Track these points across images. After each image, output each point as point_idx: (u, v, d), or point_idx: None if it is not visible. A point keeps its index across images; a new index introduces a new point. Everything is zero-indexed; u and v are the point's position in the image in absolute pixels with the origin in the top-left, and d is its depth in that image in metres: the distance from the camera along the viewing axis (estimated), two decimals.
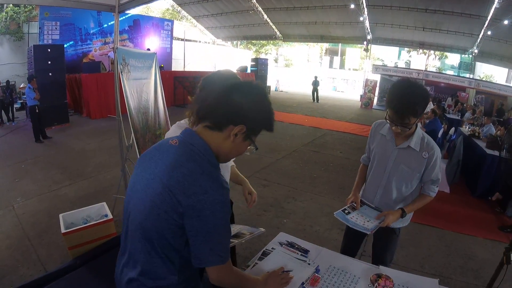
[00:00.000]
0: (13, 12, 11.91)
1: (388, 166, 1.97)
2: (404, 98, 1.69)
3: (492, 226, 4.31)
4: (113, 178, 5.01)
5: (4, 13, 11.80)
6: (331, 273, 1.64)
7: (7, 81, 9.04)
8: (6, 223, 3.68)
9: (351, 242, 2.34)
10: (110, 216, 3.26)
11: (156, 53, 3.31)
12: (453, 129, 7.19)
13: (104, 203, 3.48)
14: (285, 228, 3.87)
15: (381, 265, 1.93)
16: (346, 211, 2.01)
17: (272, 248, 1.78)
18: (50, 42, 10.14)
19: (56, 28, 10.43)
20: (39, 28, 10.24)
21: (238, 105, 1.09)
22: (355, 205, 2.04)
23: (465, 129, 7.53)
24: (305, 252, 1.80)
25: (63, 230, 2.94)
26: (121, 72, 2.75)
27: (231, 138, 1.12)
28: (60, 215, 3.18)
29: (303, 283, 1.51)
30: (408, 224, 4.00)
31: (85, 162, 5.79)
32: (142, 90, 3.06)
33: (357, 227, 1.88)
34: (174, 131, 1.67)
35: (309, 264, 1.67)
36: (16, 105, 9.29)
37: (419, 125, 1.94)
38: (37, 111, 6.83)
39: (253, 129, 1.15)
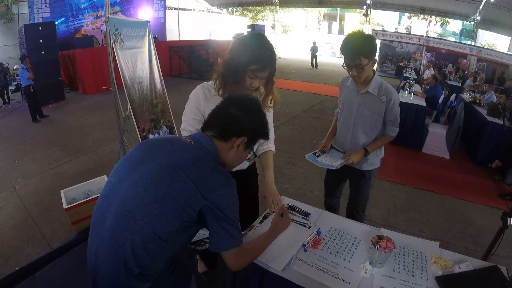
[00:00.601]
0: None
1: (353, 113, 2.20)
2: (352, 40, 1.92)
3: (492, 193, 4.32)
4: (112, 152, 5.00)
5: None
6: (332, 235, 1.65)
7: (0, 64, 8.86)
8: (9, 205, 3.68)
9: (331, 186, 2.61)
10: None
11: (149, 21, 3.23)
12: (454, 95, 7.09)
13: (105, 176, 3.47)
14: (286, 193, 3.85)
15: (354, 211, 2.38)
16: (317, 154, 2.31)
17: (273, 212, 1.79)
18: (41, 20, 9.83)
19: (46, 6, 10.11)
20: (29, 7, 9.96)
21: (238, 119, 1.24)
22: (325, 149, 2.32)
23: (466, 96, 7.44)
24: (306, 215, 1.82)
25: (65, 206, 2.93)
26: (114, 42, 2.69)
27: (234, 149, 1.26)
28: (62, 191, 3.16)
29: (304, 245, 1.52)
30: (408, 189, 4.12)
31: (83, 138, 5.77)
32: (137, 60, 3.00)
33: (325, 166, 2.19)
34: (197, 93, 1.70)
35: (310, 226, 1.68)
36: (11, 87, 9.15)
37: (377, 73, 2.14)
38: (32, 90, 6.74)
39: (253, 139, 1.31)
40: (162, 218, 1.08)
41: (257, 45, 1.53)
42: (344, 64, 2.01)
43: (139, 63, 3.04)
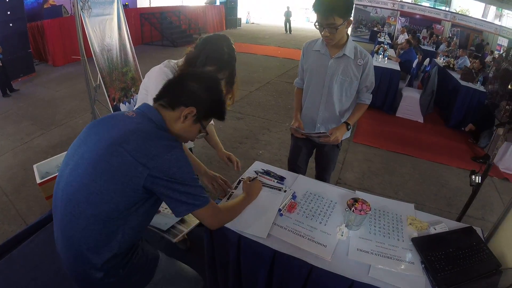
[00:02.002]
0: None
1: (327, 79, 2.02)
2: None
3: (465, 156, 4.47)
4: (84, 123, 4.81)
5: None
6: (307, 199, 1.65)
7: None
8: None
9: (299, 155, 2.42)
10: None
11: None
12: (427, 60, 7.16)
13: None
14: (261, 159, 3.92)
15: (325, 174, 2.31)
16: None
17: (248, 177, 1.78)
18: None
19: None
20: None
21: (191, 89, 1.18)
22: (301, 129, 2.11)
23: (440, 60, 7.53)
24: (281, 179, 1.82)
25: (38, 181, 2.89)
26: (82, 10, 2.55)
27: (181, 119, 1.18)
28: (34, 166, 3.10)
29: (280, 210, 1.53)
30: (383, 153, 4.21)
31: (55, 110, 5.59)
32: (105, 27, 2.86)
33: (313, 136, 2.11)
34: (165, 72, 1.66)
35: (285, 191, 1.68)
36: None
37: (350, 37, 2.00)
38: (0, 64, 6.45)
39: (204, 115, 1.22)
40: (103, 196, 1.03)
41: (216, 47, 1.55)
42: (316, 23, 1.82)
43: (107, 30, 2.90)
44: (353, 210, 1.39)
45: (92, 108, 3.16)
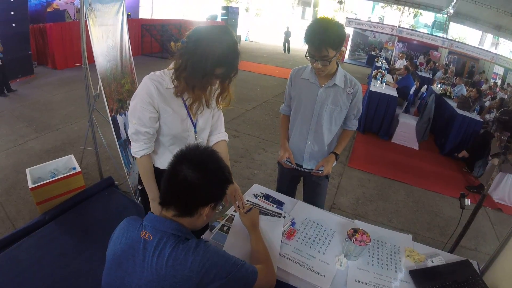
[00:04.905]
0: None
1: (316, 108, 1.96)
2: (320, 29, 1.67)
3: (459, 185, 4.51)
4: (80, 130, 4.86)
5: None
6: (306, 226, 1.64)
7: None
8: None
9: (287, 186, 2.34)
10: (78, 169, 3.18)
11: None
12: (425, 87, 7.28)
13: (72, 156, 3.38)
14: (256, 179, 3.94)
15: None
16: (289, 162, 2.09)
17: (247, 201, 1.76)
18: None
19: None
20: None
21: (200, 188, 1.07)
22: (290, 161, 2.06)
23: (437, 87, 7.66)
24: (280, 204, 1.81)
25: (30, 185, 2.85)
26: (87, 18, 2.55)
27: (203, 218, 1.13)
28: (27, 170, 3.07)
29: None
30: (378, 179, 4.22)
31: (51, 114, 5.54)
32: (108, 37, 2.86)
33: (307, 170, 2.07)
34: (148, 88, 1.44)
35: (284, 217, 1.67)
36: None
37: (340, 65, 1.95)
38: (0, 63, 6.46)
39: (220, 197, 1.16)
40: None
41: (225, 42, 1.32)
42: (307, 55, 1.77)
43: (110, 40, 2.90)
44: (353, 241, 1.38)
45: (90, 117, 3.14)
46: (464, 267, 1.46)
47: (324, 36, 1.65)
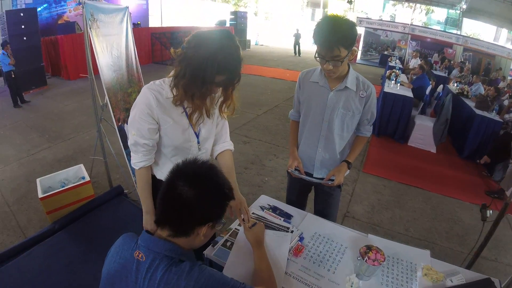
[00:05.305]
0: None
1: (327, 113, 1.83)
2: (330, 27, 1.53)
3: (479, 190, 4.30)
4: (91, 139, 4.88)
5: None
6: (316, 242, 1.54)
7: None
8: None
9: (297, 196, 2.25)
10: (88, 178, 3.23)
11: (127, 7, 3.06)
12: (441, 86, 7.04)
13: (82, 165, 3.44)
14: (267, 186, 3.85)
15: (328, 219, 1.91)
16: (297, 172, 1.98)
17: (253, 214, 1.68)
18: (23, 6, 9.58)
19: None
20: None
21: (197, 206, 0.99)
22: (299, 170, 1.97)
23: (453, 87, 7.37)
24: (288, 217, 1.71)
25: (40, 195, 2.92)
26: (90, 29, 2.54)
27: (200, 237, 1.04)
28: (38, 180, 3.15)
29: None
30: (394, 185, 4.09)
31: (63, 124, 5.63)
32: (112, 47, 2.86)
33: (316, 181, 1.94)
34: (147, 98, 1.38)
35: (292, 231, 1.58)
36: None
37: (351, 67, 1.80)
38: (13, 76, 6.69)
39: (220, 215, 1.07)
40: None
41: (227, 49, 1.25)
42: (317, 56, 1.63)
43: (114, 50, 2.90)
44: (366, 260, 1.28)
45: (98, 127, 3.15)
46: (486, 286, 1.34)
47: (335, 35, 1.52)
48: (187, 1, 20.69)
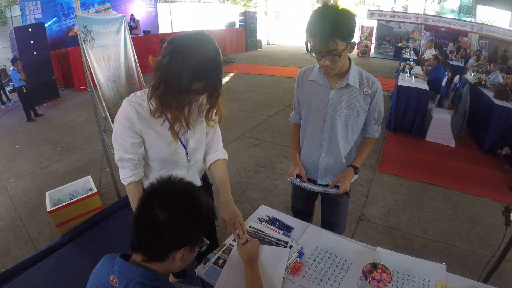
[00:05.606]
0: None
1: (328, 114, 1.67)
2: (324, 18, 1.37)
3: (501, 185, 4.04)
4: (101, 149, 4.94)
5: None
6: (317, 257, 1.41)
7: None
8: (0, 206, 3.69)
9: (303, 204, 2.11)
10: (95, 190, 3.25)
11: (124, 16, 3.03)
12: (457, 76, 6.70)
13: (89, 177, 3.46)
14: (277, 190, 3.74)
15: (334, 230, 1.73)
16: (298, 180, 1.82)
17: (249, 227, 1.58)
18: (33, 21, 9.85)
19: (37, 7, 10.07)
20: (20, 10, 10.01)
21: (171, 229, 0.92)
22: (302, 177, 1.82)
23: (470, 76, 7.03)
24: (288, 230, 1.59)
25: (48, 209, 2.96)
26: (84, 41, 2.50)
27: (177, 263, 0.97)
28: (46, 193, 3.19)
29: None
30: (411, 183, 3.90)
31: (75, 135, 5.69)
32: (110, 57, 2.82)
33: (317, 190, 1.78)
34: (126, 112, 1.31)
35: (291, 246, 1.46)
36: (8, 88, 9.33)
37: (354, 64, 1.63)
38: (24, 91, 6.85)
39: (197, 238, 1.00)
40: None
41: (201, 54, 1.15)
42: (312, 52, 1.47)
43: (112, 60, 2.87)
44: (369, 281, 1.15)
45: (102, 138, 3.14)
46: None
47: (330, 26, 1.35)
48: (196, 5, 20.72)
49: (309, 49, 1.49)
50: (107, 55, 2.79)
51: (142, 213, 0.94)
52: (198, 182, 1.61)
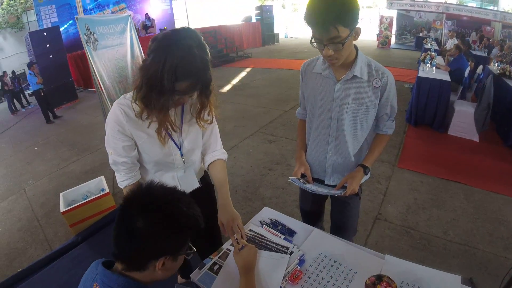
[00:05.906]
0: (10, 7, 12.69)
1: (335, 109, 1.53)
2: (323, 2, 1.23)
3: None
4: None
5: (0, 9, 12.66)
6: (319, 265, 1.30)
7: (13, 72, 9.41)
8: (18, 207, 3.79)
9: (312, 205, 1.99)
10: (107, 190, 3.30)
11: (129, 15, 3.00)
12: (480, 67, 6.37)
13: (102, 177, 3.52)
14: (291, 188, 3.63)
15: (343, 236, 1.60)
16: (301, 181, 1.70)
17: (249, 231, 1.51)
18: (49, 25, 10.04)
19: (53, 11, 10.30)
20: (36, 14, 10.25)
21: (149, 238, 0.87)
22: (307, 177, 1.71)
23: (494, 67, 6.71)
24: (290, 234, 1.50)
25: (62, 209, 3.02)
26: (86, 43, 2.48)
27: (158, 272, 0.92)
28: (61, 194, 3.27)
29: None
30: (432, 180, 3.72)
31: (92, 136, 5.78)
32: (116, 58, 2.80)
33: (320, 192, 1.61)
34: (115, 115, 1.27)
35: (292, 252, 1.37)
36: (28, 91, 9.57)
37: (361, 53, 1.48)
38: (42, 94, 7.03)
39: (179, 247, 0.95)
40: None
41: (184, 51, 1.07)
42: (313, 41, 1.33)
43: (119, 60, 2.84)
44: None
45: None
46: None
47: (329, 11, 1.21)
48: (212, 0, 20.61)
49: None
50: (113, 56, 2.77)
51: (119, 221, 0.90)
52: (195, 184, 1.55)
